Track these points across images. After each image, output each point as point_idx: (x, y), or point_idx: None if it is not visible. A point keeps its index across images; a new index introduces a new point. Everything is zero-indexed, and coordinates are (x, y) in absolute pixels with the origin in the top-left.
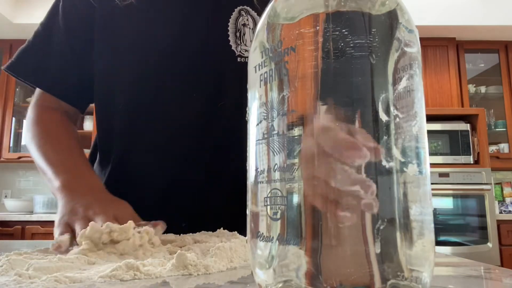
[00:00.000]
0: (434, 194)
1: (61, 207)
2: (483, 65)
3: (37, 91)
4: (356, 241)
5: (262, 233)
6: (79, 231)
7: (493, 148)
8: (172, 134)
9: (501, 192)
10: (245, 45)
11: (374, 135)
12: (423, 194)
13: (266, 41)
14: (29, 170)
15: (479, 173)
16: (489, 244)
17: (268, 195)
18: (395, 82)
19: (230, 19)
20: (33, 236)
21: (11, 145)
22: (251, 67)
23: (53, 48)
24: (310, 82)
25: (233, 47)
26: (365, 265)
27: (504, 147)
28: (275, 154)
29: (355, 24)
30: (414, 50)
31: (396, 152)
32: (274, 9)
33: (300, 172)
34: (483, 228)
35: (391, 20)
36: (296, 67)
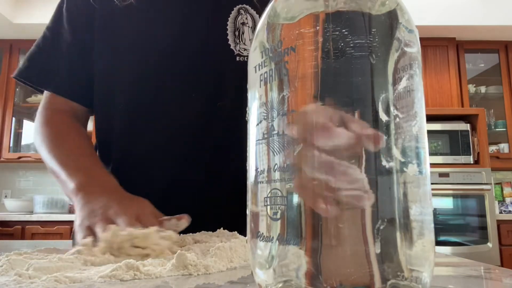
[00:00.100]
0: (434, 194)
1: (79, 210)
2: (483, 65)
3: (46, 94)
4: (356, 241)
5: (262, 233)
6: (100, 233)
7: (493, 148)
8: (172, 134)
9: (501, 192)
10: (244, 44)
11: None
12: (423, 194)
13: (266, 41)
14: (29, 170)
15: (479, 173)
16: (489, 244)
17: (268, 195)
18: (395, 82)
19: (229, 18)
20: (33, 236)
21: (11, 145)
22: (251, 67)
23: (61, 50)
24: (310, 82)
25: (232, 46)
26: (365, 265)
27: (504, 147)
28: (275, 154)
29: (355, 24)
30: (414, 50)
31: (396, 152)
32: (274, 9)
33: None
34: (483, 228)
35: (391, 20)
36: (296, 67)
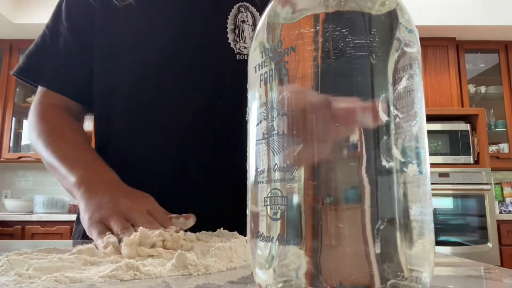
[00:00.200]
0: (434, 194)
1: (85, 204)
2: (483, 65)
3: (40, 89)
4: (356, 241)
5: (262, 233)
6: (117, 229)
7: (493, 148)
8: (172, 134)
9: (501, 192)
10: (244, 42)
11: (374, 135)
12: (423, 194)
13: (266, 41)
14: (29, 170)
15: (479, 173)
16: (489, 244)
17: (268, 195)
18: (395, 82)
19: (229, 16)
20: (33, 236)
21: (11, 145)
22: (251, 67)
23: (59, 47)
24: (310, 82)
25: (232, 45)
26: (365, 265)
27: (504, 147)
28: (275, 154)
29: (355, 24)
30: (414, 50)
31: (396, 152)
32: (274, 9)
33: (300, 172)
34: (483, 228)
35: (391, 20)
36: (296, 67)
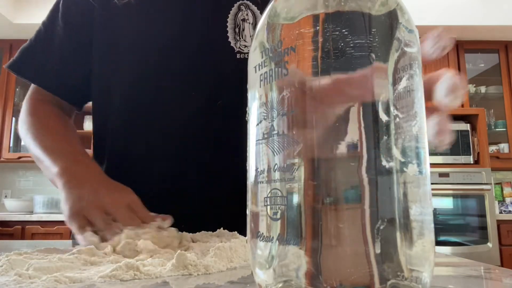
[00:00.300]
0: (434, 194)
1: (66, 194)
2: (483, 65)
3: (32, 85)
4: (356, 241)
5: (262, 233)
6: (99, 225)
7: (493, 148)
8: (172, 134)
9: (501, 192)
10: (245, 41)
11: (374, 135)
12: (423, 194)
13: (266, 41)
14: (29, 170)
15: (479, 173)
16: (489, 244)
17: (268, 195)
18: (395, 82)
19: (229, 15)
20: (33, 236)
21: (11, 145)
22: (251, 67)
23: (52, 45)
24: None
25: (232, 44)
26: (365, 265)
27: (504, 147)
28: (275, 154)
29: (355, 24)
30: (414, 50)
31: (396, 152)
32: (274, 9)
33: (300, 172)
34: (483, 228)
35: (391, 20)
36: (296, 67)
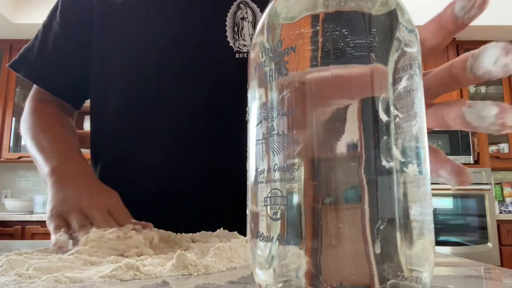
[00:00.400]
0: (434, 194)
1: (51, 195)
2: None
3: (35, 85)
4: (356, 241)
5: (262, 233)
6: (75, 225)
7: (493, 148)
8: (172, 134)
9: (501, 192)
10: (244, 40)
11: (374, 135)
12: (423, 194)
13: (266, 41)
14: (29, 170)
15: (479, 173)
16: (489, 244)
17: (268, 195)
18: (395, 82)
19: (228, 13)
20: (33, 236)
21: (11, 145)
22: (251, 67)
23: (51, 44)
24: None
25: (231, 43)
26: (365, 265)
27: (504, 147)
28: (275, 154)
29: (355, 24)
30: (414, 50)
31: (396, 152)
32: (274, 9)
33: (300, 172)
34: (483, 228)
35: (391, 20)
36: (296, 67)
